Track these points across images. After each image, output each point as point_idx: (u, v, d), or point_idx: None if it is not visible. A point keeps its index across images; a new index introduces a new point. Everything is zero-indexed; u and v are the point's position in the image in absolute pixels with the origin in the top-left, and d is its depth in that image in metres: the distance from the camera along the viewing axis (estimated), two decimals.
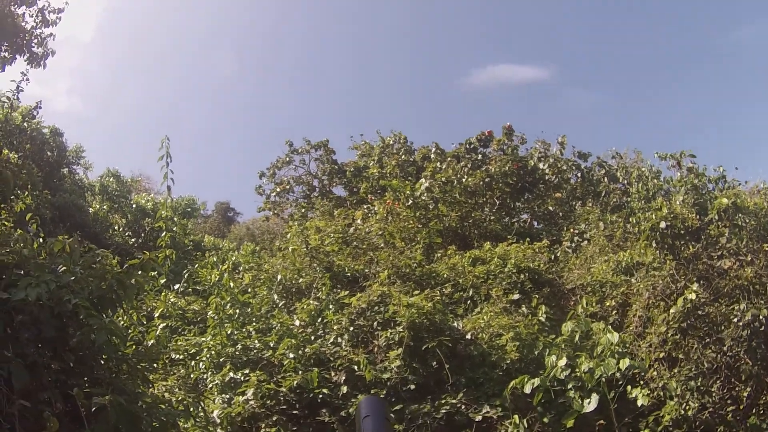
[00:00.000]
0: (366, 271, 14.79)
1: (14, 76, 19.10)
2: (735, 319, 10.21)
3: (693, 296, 10.37)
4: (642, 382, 10.40)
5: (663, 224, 11.50)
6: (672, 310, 10.65)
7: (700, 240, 11.52)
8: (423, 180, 19.36)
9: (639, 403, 9.52)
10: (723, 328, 10.34)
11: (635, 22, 77.03)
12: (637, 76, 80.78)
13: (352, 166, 26.62)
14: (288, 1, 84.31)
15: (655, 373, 10.53)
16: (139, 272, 7.42)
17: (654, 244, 11.79)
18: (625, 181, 19.90)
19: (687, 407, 9.98)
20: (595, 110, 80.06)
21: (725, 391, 10.08)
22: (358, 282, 14.37)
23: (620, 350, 10.05)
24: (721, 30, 74.86)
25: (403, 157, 24.51)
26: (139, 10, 76.03)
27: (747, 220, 11.32)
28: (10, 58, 15.99)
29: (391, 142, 25.95)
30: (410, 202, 18.16)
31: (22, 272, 6.49)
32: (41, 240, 7.54)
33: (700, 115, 76.01)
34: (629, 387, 9.74)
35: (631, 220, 13.78)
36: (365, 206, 20.72)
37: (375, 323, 11.86)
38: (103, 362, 6.87)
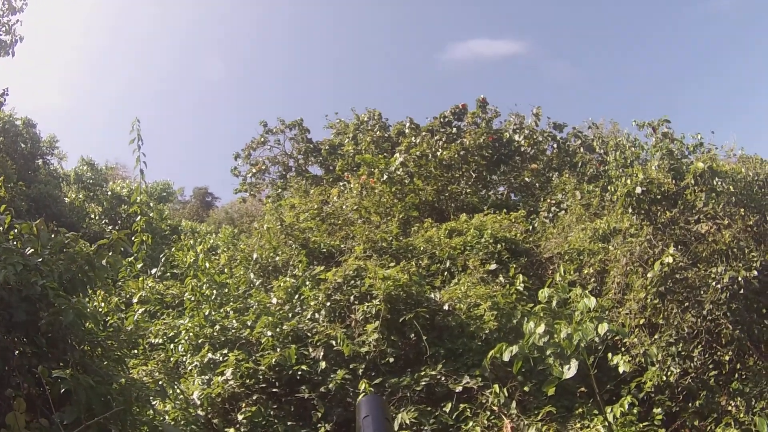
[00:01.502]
0: (342, 246, 14.71)
1: None
2: (713, 283, 10.22)
3: (670, 260, 10.36)
4: (623, 349, 10.40)
5: (639, 189, 11.48)
6: (649, 275, 10.65)
7: (676, 205, 11.51)
8: (397, 155, 19.26)
9: (620, 369, 9.47)
10: (702, 292, 10.34)
11: None
12: (613, 47, 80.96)
13: (327, 144, 26.50)
14: None
15: (635, 339, 10.53)
16: (110, 253, 7.28)
17: (630, 210, 11.77)
18: (602, 151, 19.87)
19: (669, 373, 10.01)
20: (571, 83, 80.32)
21: (707, 355, 10.11)
22: (334, 257, 14.30)
23: (599, 315, 10.01)
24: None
25: (378, 133, 24.42)
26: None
27: (723, 185, 11.29)
28: None
29: (366, 119, 25.87)
30: (385, 177, 18.05)
31: None
32: (15, 231, 7.42)
33: (677, 83, 76.28)
34: (610, 354, 9.69)
35: (609, 188, 13.73)
36: (341, 183, 20.61)
37: (352, 297, 11.79)
38: (76, 345, 6.74)
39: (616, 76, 79.88)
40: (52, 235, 7.05)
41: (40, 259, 6.50)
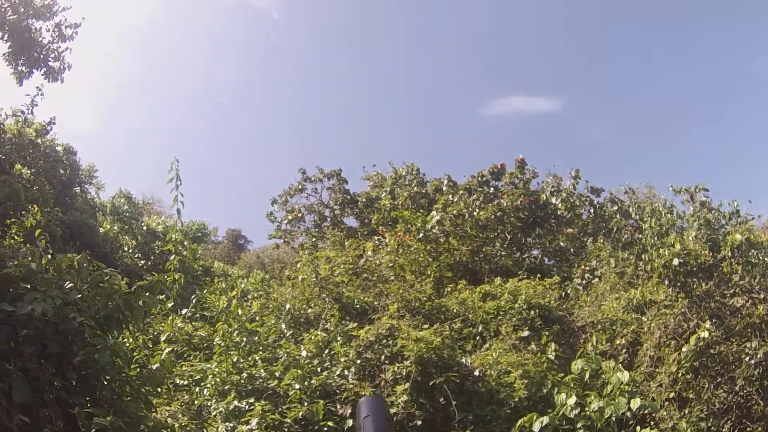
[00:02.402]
0: (375, 303, 14.69)
1: (30, 91, 19.16)
2: (747, 358, 10.09)
3: (705, 334, 10.25)
4: (652, 423, 10.25)
5: (676, 261, 11.40)
6: (684, 349, 10.52)
7: (712, 277, 11.41)
8: (434, 213, 19.28)
9: None
10: (735, 367, 10.20)
11: (646, 54, 77.36)
12: (648, 109, 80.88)
13: (365, 197, 26.55)
14: (302, 27, 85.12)
15: (665, 413, 10.38)
16: (147, 294, 7.38)
17: (666, 282, 11.69)
18: (638, 217, 19.73)
19: None
20: (607, 142, 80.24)
21: (736, 431, 9.93)
22: (367, 314, 14.27)
23: (630, 389, 9.91)
24: (735, 61, 74.92)
25: (415, 188, 24.45)
26: (152, 32, 77.12)
27: (760, 257, 11.19)
28: (27, 72, 16.09)
29: (404, 174, 25.93)
30: (421, 234, 18.07)
31: (29, 286, 6.45)
32: (50, 256, 7.52)
33: (713, 148, 75.91)
34: (638, 428, 9.56)
35: (643, 257, 13.62)
36: (376, 237, 20.63)
37: (383, 357, 11.73)
38: (105, 383, 6.79)
39: (653, 138, 79.72)
40: (90, 269, 7.15)
41: (79, 295, 6.57)
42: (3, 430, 5.60)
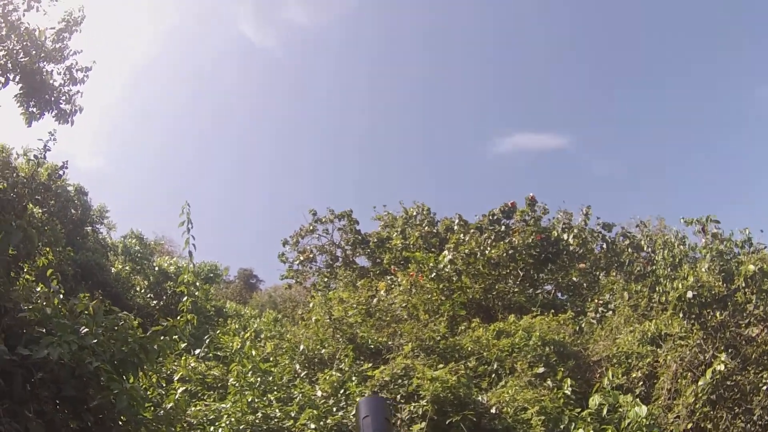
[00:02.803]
0: (389, 343, 14.65)
1: (42, 132, 19.36)
2: (764, 388, 10.04)
3: (722, 367, 10.19)
4: None
5: (690, 294, 11.37)
6: (701, 382, 10.47)
7: (727, 307, 11.38)
8: (446, 252, 19.30)
9: None
10: (752, 396, 10.15)
11: (652, 86, 77.58)
12: (655, 143, 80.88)
13: (376, 237, 26.61)
14: (309, 64, 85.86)
15: None
16: (162, 338, 7.42)
17: (681, 314, 11.66)
18: (650, 249, 19.69)
19: None
20: (614, 177, 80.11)
21: None
22: (381, 354, 14.22)
23: (649, 423, 9.84)
24: (738, 92, 74.99)
25: (426, 228, 24.52)
26: (163, 72, 77.82)
27: None
28: (38, 114, 16.24)
29: (414, 213, 26.02)
30: (434, 274, 18.07)
31: (44, 330, 6.49)
32: (61, 296, 7.56)
33: (722, 180, 75.63)
34: None
35: (657, 288, 13.61)
36: (388, 277, 20.64)
37: (398, 396, 11.69)
38: (121, 424, 6.80)
39: (660, 172, 79.65)
40: (104, 312, 7.19)
41: (95, 340, 6.61)
42: None
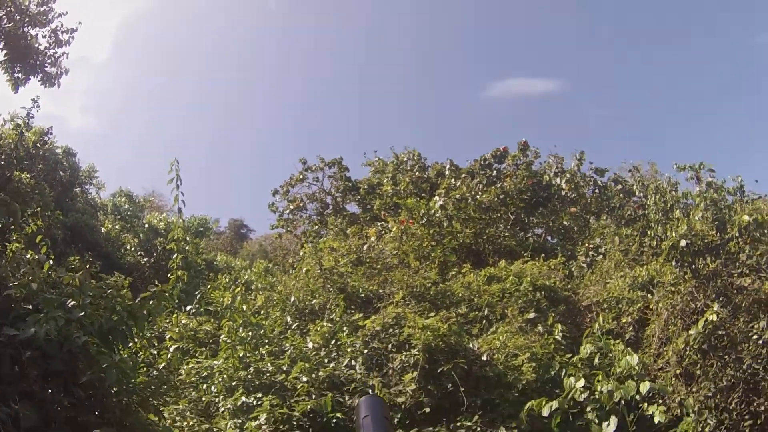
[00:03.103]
0: (380, 291, 14.63)
1: (30, 96, 19.13)
2: (754, 337, 10.05)
3: (714, 318, 10.18)
4: (660, 401, 10.21)
5: (683, 242, 11.31)
6: (692, 331, 10.47)
7: (719, 256, 11.33)
8: (437, 197, 19.22)
9: (656, 420, 9.32)
10: (742, 345, 10.16)
11: (646, 32, 76.96)
12: (651, 87, 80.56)
13: (366, 183, 26.48)
14: (299, 16, 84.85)
15: (671, 389, 10.36)
16: (151, 302, 7.34)
17: (674, 262, 11.61)
18: (641, 194, 19.65)
19: (705, 424, 9.81)
20: (607, 121, 79.97)
21: (743, 406, 9.90)
22: (372, 303, 14.22)
23: (640, 372, 9.86)
24: (738, 37, 74.44)
25: (417, 173, 24.40)
26: (151, 28, 76.92)
27: (767, 235, 11.12)
28: (24, 79, 16.03)
29: (405, 159, 25.85)
30: (424, 220, 18.00)
31: (30, 306, 6.40)
32: (51, 262, 7.45)
33: (716, 125, 75.59)
34: (646, 404, 9.53)
35: (648, 233, 13.57)
36: (379, 223, 20.57)
37: (389, 346, 11.71)
38: (114, 396, 6.74)
39: (653, 116, 79.44)
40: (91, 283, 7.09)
41: (82, 313, 6.51)
42: None
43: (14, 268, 7.01)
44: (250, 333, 12.73)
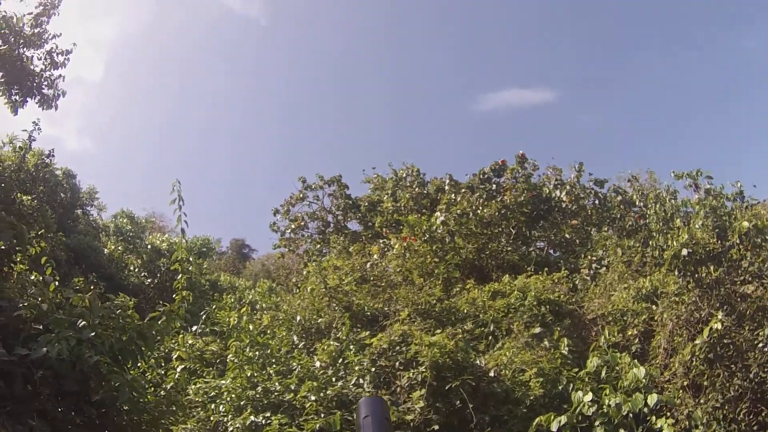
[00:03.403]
0: (385, 309, 14.63)
1: (29, 118, 19.30)
2: (760, 345, 10.08)
3: (719, 326, 10.21)
4: (668, 413, 10.23)
5: (685, 251, 11.36)
6: (698, 341, 10.50)
7: (721, 264, 11.37)
8: (438, 213, 19.25)
9: None
10: (748, 353, 10.19)
11: (638, 41, 77.38)
12: (641, 96, 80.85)
13: (366, 201, 26.50)
14: (291, 33, 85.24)
15: (679, 401, 10.38)
16: (159, 322, 7.40)
17: (676, 272, 11.65)
18: (642, 204, 19.68)
19: None
20: (601, 131, 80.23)
21: (751, 416, 9.93)
22: (378, 321, 14.21)
23: (647, 385, 9.90)
24: (728, 40, 74.78)
25: (416, 189, 24.42)
26: (146, 47, 77.26)
27: None
28: (21, 101, 16.11)
29: (404, 175, 25.86)
30: (426, 236, 18.04)
31: (41, 327, 6.46)
32: (56, 283, 7.51)
33: (711, 132, 75.80)
34: (654, 417, 9.55)
35: (650, 243, 13.62)
36: (381, 241, 20.60)
37: (397, 363, 11.72)
38: (124, 413, 6.80)
39: (646, 124, 79.72)
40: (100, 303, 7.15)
41: (93, 333, 6.57)
42: None
43: (21, 290, 7.08)
44: (257, 353, 12.76)
